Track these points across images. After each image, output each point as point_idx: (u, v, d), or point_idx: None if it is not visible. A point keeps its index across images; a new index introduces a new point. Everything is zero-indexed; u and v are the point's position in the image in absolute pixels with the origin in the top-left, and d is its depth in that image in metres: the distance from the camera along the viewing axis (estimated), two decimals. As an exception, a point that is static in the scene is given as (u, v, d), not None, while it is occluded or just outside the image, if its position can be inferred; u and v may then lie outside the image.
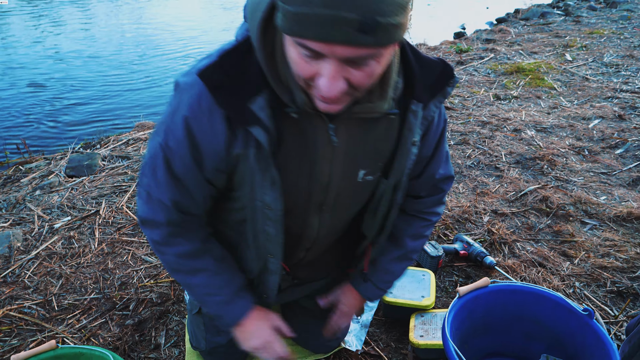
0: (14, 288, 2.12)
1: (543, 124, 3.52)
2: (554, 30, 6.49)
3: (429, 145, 1.12)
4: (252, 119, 0.90)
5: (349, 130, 0.99)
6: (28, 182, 3.07)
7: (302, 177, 1.03)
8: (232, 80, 0.89)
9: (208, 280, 1.15)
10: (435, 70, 1.00)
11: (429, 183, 1.21)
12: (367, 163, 1.06)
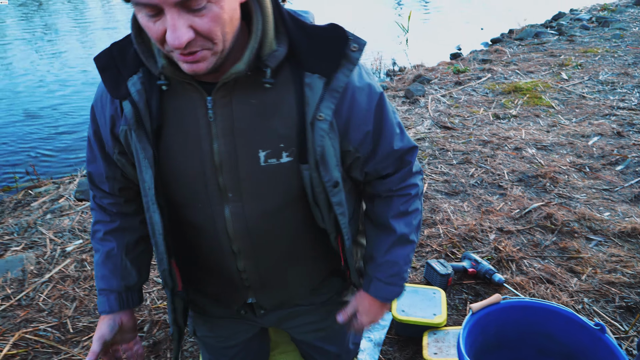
0: (28, 311, 2.14)
1: (543, 142, 3.59)
2: (549, 49, 6.63)
3: (362, 119, 1.03)
4: (125, 94, 0.95)
5: (229, 104, 0.95)
6: (39, 206, 3.11)
7: (190, 158, 1.00)
8: (116, 62, 0.96)
9: (96, 264, 1.20)
10: (326, 37, 0.96)
11: (389, 159, 1.11)
12: (265, 143, 0.98)
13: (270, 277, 1.20)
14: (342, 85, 0.97)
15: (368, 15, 10.88)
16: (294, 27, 0.94)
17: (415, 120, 4.23)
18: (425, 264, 2.19)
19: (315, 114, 0.95)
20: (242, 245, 1.09)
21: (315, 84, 0.95)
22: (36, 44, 8.94)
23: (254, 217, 1.05)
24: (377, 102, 1.04)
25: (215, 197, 1.02)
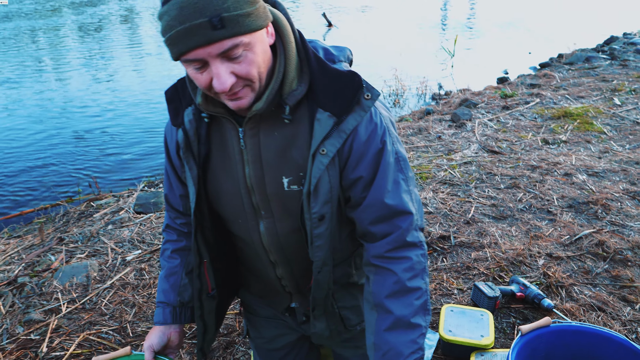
0: (92, 314, 2.29)
1: (594, 169, 3.53)
2: (600, 74, 6.49)
3: (362, 164, 1.08)
4: (180, 122, 1.12)
5: (256, 134, 1.07)
6: (100, 217, 3.31)
7: (228, 180, 1.14)
8: (179, 95, 1.13)
9: (160, 278, 1.37)
10: (342, 80, 1.04)
11: (378, 213, 1.11)
12: (287, 171, 1.10)
13: (305, 286, 1.29)
14: (350, 128, 1.05)
15: (414, 40, 10.97)
16: (317, 68, 1.04)
17: (462, 144, 4.25)
18: (473, 286, 2.20)
19: (319, 148, 1.04)
20: (277, 257, 1.22)
21: (324, 121, 1.04)
22: (94, 65, 9.50)
23: (284, 232, 1.17)
24: (380, 151, 1.09)
25: (251, 214, 1.16)
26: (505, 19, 13.10)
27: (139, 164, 5.11)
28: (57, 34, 12.72)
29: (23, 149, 5.60)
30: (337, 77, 1.04)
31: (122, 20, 14.68)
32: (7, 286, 2.53)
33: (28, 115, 6.73)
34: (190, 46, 0.89)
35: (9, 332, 2.20)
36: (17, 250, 2.97)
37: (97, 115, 6.69)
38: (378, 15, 14.41)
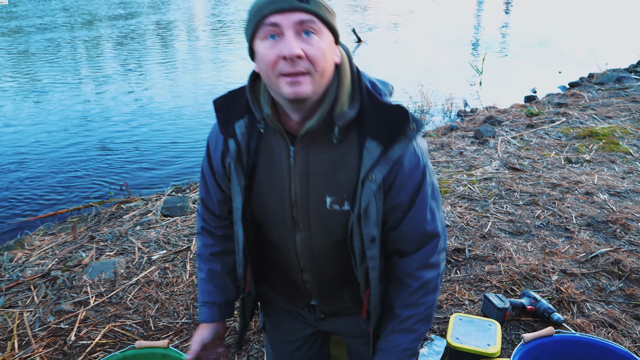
0: (117, 308, 2.42)
1: (617, 189, 3.51)
2: (631, 95, 6.41)
3: (404, 192, 1.19)
4: (232, 133, 1.19)
5: (308, 155, 1.16)
6: (129, 219, 3.48)
7: (273, 191, 1.22)
8: (229, 106, 1.21)
9: (200, 281, 1.46)
10: (390, 112, 1.13)
11: (413, 236, 1.24)
12: (332, 191, 1.18)
13: (327, 291, 1.41)
14: (396, 156, 1.14)
15: (443, 57, 11.01)
16: (367, 97, 1.14)
17: (483, 160, 4.28)
18: (483, 297, 2.25)
19: (368, 174, 1.13)
20: (307, 264, 1.32)
21: (373, 149, 1.13)
22: (127, 76, 9.88)
23: (317, 245, 1.27)
24: (421, 180, 1.20)
25: (289, 225, 1.25)
26: (537, 38, 13.02)
27: (167, 170, 5.31)
28: (92, 46, 13.27)
29: (60, 154, 5.89)
30: (386, 109, 1.14)
31: (155, 32, 15.21)
32: (41, 279, 2.69)
33: (66, 122, 7.07)
34: (273, 8, 0.99)
35: (41, 320, 2.34)
36: (52, 246, 3.15)
37: (129, 124, 6.98)
38: (408, 32, 14.52)
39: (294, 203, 1.21)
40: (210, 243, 1.44)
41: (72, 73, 10.06)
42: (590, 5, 19.54)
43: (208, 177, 1.34)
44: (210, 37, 14.25)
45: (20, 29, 15.63)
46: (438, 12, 19.05)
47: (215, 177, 1.32)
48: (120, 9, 20.86)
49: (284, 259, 1.35)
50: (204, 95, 8.37)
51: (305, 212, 1.22)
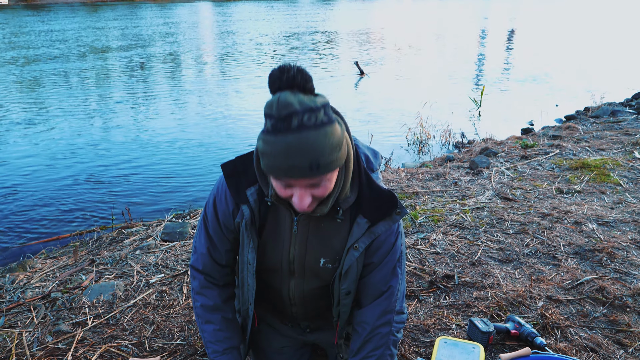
0: (114, 329, 2.49)
1: (605, 218, 3.60)
2: (624, 128, 6.55)
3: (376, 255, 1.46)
4: (244, 200, 1.39)
5: (309, 225, 1.41)
6: (130, 243, 3.57)
7: (276, 249, 1.47)
8: (238, 174, 1.39)
9: (213, 332, 1.60)
10: (383, 198, 1.37)
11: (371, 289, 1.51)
12: (326, 254, 1.45)
13: (312, 316, 1.72)
14: (379, 232, 1.41)
15: (442, 90, 11.25)
16: (366, 183, 1.37)
17: (476, 190, 4.38)
18: (469, 321, 2.31)
19: (353, 244, 1.41)
20: (297, 301, 1.61)
21: (362, 225, 1.39)
22: (132, 103, 10.12)
23: (308, 289, 1.56)
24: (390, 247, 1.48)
25: (286, 274, 1.53)
26: (536, 72, 13.29)
27: (169, 197, 5.43)
28: (98, 75, 13.62)
29: (64, 179, 6.03)
30: (380, 194, 1.38)
31: (161, 63, 15.61)
32: (41, 300, 2.77)
33: (71, 149, 7.25)
34: (289, 177, 1.17)
35: (39, 340, 2.41)
36: (53, 269, 3.24)
37: (133, 152, 7.15)
38: (410, 65, 14.85)
39: (291, 261, 1.48)
40: (217, 293, 1.60)
41: (77, 101, 10.33)
42: (590, 38, 19.96)
43: (214, 230, 1.51)
44: (215, 68, 14.61)
45: (19, 59, 16.08)
46: (440, 47, 19.49)
47: (222, 230, 1.50)
48: (124, 39, 21.45)
49: (277, 297, 1.62)
50: (207, 125, 8.57)
51: (301, 267, 1.49)
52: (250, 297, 1.55)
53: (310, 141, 1.11)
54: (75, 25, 28.29)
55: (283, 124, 1.11)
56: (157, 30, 26.22)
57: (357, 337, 1.56)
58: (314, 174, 1.15)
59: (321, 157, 1.13)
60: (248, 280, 1.51)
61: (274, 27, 27.39)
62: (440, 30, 25.68)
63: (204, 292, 1.59)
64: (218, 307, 1.60)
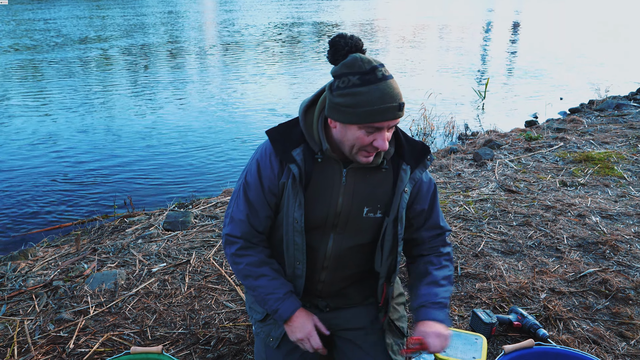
0: (116, 318, 2.50)
1: (609, 211, 3.58)
2: (629, 121, 6.50)
3: (423, 201, 1.62)
4: (291, 160, 1.49)
5: (355, 175, 1.52)
6: (132, 232, 3.57)
7: (322, 203, 1.53)
8: (284, 138, 1.52)
9: (268, 283, 1.61)
10: (417, 147, 1.56)
11: (433, 231, 1.67)
12: (369, 203, 1.54)
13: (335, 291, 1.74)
14: (418, 177, 1.59)
15: (446, 82, 11.19)
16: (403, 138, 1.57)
17: (480, 182, 4.36)
18: (472, 312, 2.30)
19: (404, 188, 1.54)
20: (330, 263, 1.64)
21: (407, 171, 1.55)
22: (137, 94, 10.09)
23: (347, 246, 1.61)
24: (433, 192, 1.66)
25: (329, 229, 1.58)
26: (541, 65, 13.21)
27: (171, 186, 5.42)
28: (102, 63, 13.58)
29: (67, 168, 6.03)
30: (415, 144, 1.58)
31: (166, 52, 15.56)
32: (43, 288, 2.77)
33: (74, 138, 7.24)
34: (385, 118, 1.34)
35: (41, 328, 2.42)
36: (54, 257, 3.24)
37: (136, 141, 7.13)
38: (414, 57, 14.76)
39: (337, 213, 1.54)
40: (260, 250, 1.65)
41: (79, 90, 10.30)
42: (595, 32, 19.80)
43: (256, 195, 1.57)
44: (218, 58, 14.55)
45: (20, 48, 16.04)
46: (444, 39, 19.37)
47: (264, 194, 1.56)
48: (126, 29, 21.37)
49: (311, 260, 1.62)
50: (210, 114, 8.55)
51: (345, 219, 1.55)
52: (299, 255, 1.58)
53: (395, 87, 1.35)
54: (77, 14, 28.19)
55: (371, 76, 1.34)
56: (160, 19, 26.11)
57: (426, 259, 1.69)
58: (400, 114, 1.36)
59: (402, 100, 1.37)
60: (295, 240, 1.55)
61: (277, 18, 27.24)
62: (444, 23, 25.52)
63: (246, 252, 1.62)
64: (265, 261, 1.64)
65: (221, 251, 3.14)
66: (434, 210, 1.66)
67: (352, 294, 1.78)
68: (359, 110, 1.33)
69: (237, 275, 1.67)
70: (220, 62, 13.98)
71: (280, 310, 1.60)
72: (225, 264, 2.98)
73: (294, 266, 1.62)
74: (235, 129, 7.77)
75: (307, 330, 1.60)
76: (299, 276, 1.63)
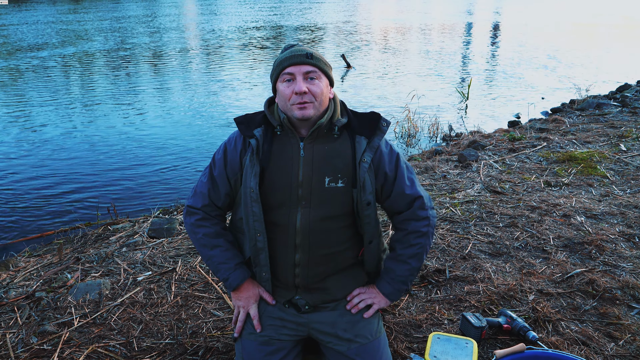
0: (101, 329, 2.44)
1: (593, 211, 3.62)
2: (610, 120, 6.61)
3: (388, 168, 1.72)
4: (252, 135, 1.68)
5: (313, 148, 1.66)
6: (116, 240, 3.50)
7: (283, 176, 1.66)
8: (248, 120, 1.73)
9: (221, 253, 1.77)
10: (366, 117, 1.72)
11: (402, 200, 1.76)
12: (330, 172, 1.66)
13: (314, 280, 1.77)
14: (376, 145, 1.70)
15: (429, 82, 11.25)
16: (352, 113, 1.75)
17: (465, 184, 4.38)
18: (461, 316, 2.30)
19: (361, 158, 1.67)
20: (302, 240, 1.69)
21: (361, 142, 1.68)
22: (119, 98, 9.95)
23: (315, 219, 1.68)
24: (396, 158, 1.76)
25: (294, 203, 1.67)
26: (522, 65, 13.37)
27: (155, 193, 5.35)
28: (82, 67, 13.38)
29: (47, 175, 5.91)
30: (365, 116, 1.73)
31: (147, 55, 15.39)
32: (25, 300, 2.70)
33: (54, 143, 7.10)
34: (292, 62, 1.59)
35: (23, 341, 2.35)
36: (37, 267, 3.16)
37: (118, 146, 7.03)
38: (396, 58, 14.83)
39: (300, 184, 1.64)
40: (217, 222, 1.80)
41: (60, 96, 10.13)
42: (573, 32, 20.13)
43: (219, 172, 1.73)
44: (199, 62, 14.44)
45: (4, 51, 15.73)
46: (426, 40, 19.49)
47: (227, 172, 1.72)
48: (108, 33, 21.10)
49: (280, 238, 1.70)
50: (192, 119, 8.46)
51: (308, 190, 1.65)
52: (258, 226, 1.67)
53: (306, 48, 1.63)
54: (57, 18, 27.75)
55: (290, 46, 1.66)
56: (141, 22, 25.83)
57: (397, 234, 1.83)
58: (309, 61, 1.58)
59: (315, 52, 1.63)
60: (254, 210, 1.65)
61: (259, 20, 27.14)
62: (425, 24, 25.70)
63: (203, 223, 1.78)
64: (220, 233, 1.79)
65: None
66: (397, 177, 1.74)
67: (333, 288, 1.82)
68: (275, 67, 1.64)
69: (195, 244, 1.82)
70: (201, 66, 13.88)
71: (230, 279, 1.75)
72: (213, 271, 2.93)
73: (255, 239, 1.70)
74: (217, 132, 7.71)
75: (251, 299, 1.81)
76: (261, 249, 1.71)
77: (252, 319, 1.81)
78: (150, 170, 6.06)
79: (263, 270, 1.78)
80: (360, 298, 1.86)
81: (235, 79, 11.86)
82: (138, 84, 11.40)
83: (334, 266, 1.79)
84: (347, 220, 1.73)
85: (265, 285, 1.83)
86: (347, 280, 1.85)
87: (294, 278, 1.77)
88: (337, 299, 1.85)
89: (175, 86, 11.16)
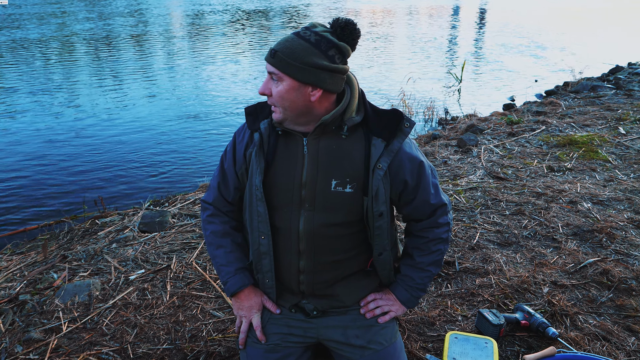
0: (92, 334, 2.28)
1: (599, 197, 3.52)
2: (605, 103, 6.52)
3: (409, 176, 1.51)
4: (257, 129, 1.53)
5: (318, 145, 1.47)
6: (105, 236, 3.32)
7: (285, 176, 1.50)
8: (256, 112, 1.56)
9: (225, 255, 1.65)
10: (388, 115, 1.47)
11: (425, 209, 1.58)
12: (337, 175, 1.46)
13: (320, 287, 1.61)
14: (396, 149, 1.47)
15: (422, 66, 11.08)
16: (370, 109, 1.49)
17: (467, 170, 4.25)
18: (477, 312, 2.18)
19: (376, 164, 1.45)
20: (306, 246, 1.53)
21: (378, 145, 1.45)
22: (105, 86, 9.64)
23: (319, 224, 1.50)
24: (418, 166, 1.52)
25: (297, 205, 1.50)
26: (513, 46, 13.24)
27: (145, 183, 5.14)
28: (67, 54, 12.96)
29: (30, 166, 5.66)
30: (385, 113, 1.48)
31: (134, 43, 14.97)
32: (8, 304, 2.53)
33: (36, 132, 6.82)
34: (265, 57, 1.39)
35: (7, 351, 2.18)
36: (20, 267, 2.98)
37: (104, 134, 6.77)
38: (387, 42, 14.61)
39: (303, 184, 1.48)
40: (227, 220, 1.68)
41: (43, 83, 9.77)
42: (565, 14, 20.03)
43: (228, 165, 1.61)
44: (187, 48, 14.08)
45: (-12, 38, 15.18)
46: (414, 22, 19.26)
47: (235, 165, 1.60)
48: (94, 20, 20.50)
49: (283, 241, 1.55)
50: (181, 108, 8.21)
51: (312, 192, 1.47)
52: (262, 227, 1.54)
53: (288, 39, 1.36)
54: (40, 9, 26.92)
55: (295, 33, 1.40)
56: (128, 7, 25.16)
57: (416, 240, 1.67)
58: (271, 60, 1.36)
59: (283, 51, 1.33)
60: (258, 209, 1.52)
61: (246, 3, 26.61)
62: (412, 6, 25.41)
63: (213, 220, 1.67)
64: (228, 233, 1.67)
65: (204, 254, 2.94)
66: (420, 186, 1.54)
67: (342, 294, 1.66)
68: None
69: (205, 240, 1.74)
70: (188, 52, 13.52)
71: (228, 283, 1.63)
72: (210, 268, 2.78)
73: (259, 241, 1.56)
74: (208, 120, 7.47)
75: (253, 308, 1.67)
76: (265, 253, 1.57)
77: (255, 330, 1.66)
78: (138, 160, 5.83)
79: (266, 277, 1.63)
80: (376, 304, 1.70)
81: (225, 62, 11.57)
82: (123, 70, 11.05)
83: (342, 273, 1.63)
84: (356, 227, 1.55)
85: (269, 293, 1.67)
86: (357, 286, 1.70)
87: (298, 285, 1.62)
88: (347, 305, 1.70)
89: (162, 72, 10.84)
